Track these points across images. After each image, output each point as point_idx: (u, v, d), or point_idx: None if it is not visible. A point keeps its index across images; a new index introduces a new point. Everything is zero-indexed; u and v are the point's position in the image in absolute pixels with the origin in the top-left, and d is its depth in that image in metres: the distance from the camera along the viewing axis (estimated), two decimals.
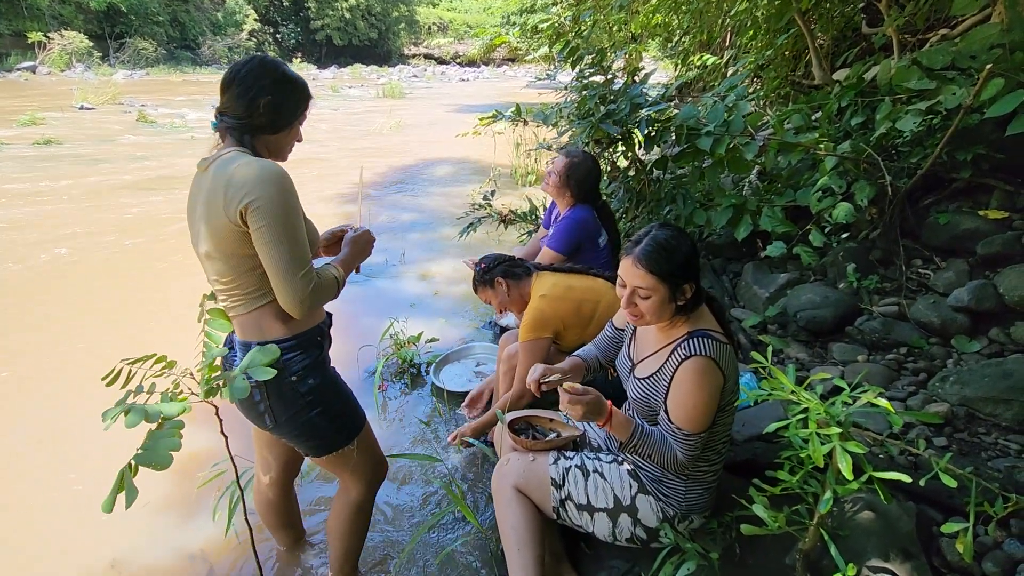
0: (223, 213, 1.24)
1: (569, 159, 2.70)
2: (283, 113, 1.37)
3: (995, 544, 1.54)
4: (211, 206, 1.27)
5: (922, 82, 2.63)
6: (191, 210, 1.37)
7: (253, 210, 1.22)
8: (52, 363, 3.07)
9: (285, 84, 1.36)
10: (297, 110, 1.41)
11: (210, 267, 1.35)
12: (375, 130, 11.66)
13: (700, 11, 6.05)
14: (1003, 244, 2.49)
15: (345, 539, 1.69)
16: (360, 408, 1.57)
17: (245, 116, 1.33)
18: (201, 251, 1.34)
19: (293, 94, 1.39)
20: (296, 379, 1.38)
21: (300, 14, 37.54)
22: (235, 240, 1.27)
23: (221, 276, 1.34)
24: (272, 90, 1.33)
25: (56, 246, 4.70)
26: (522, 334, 2.09)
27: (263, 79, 1.33)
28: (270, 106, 1.33)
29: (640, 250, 1.38)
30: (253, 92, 1.32)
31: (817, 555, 1.45)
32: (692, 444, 1.37)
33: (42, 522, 2.06)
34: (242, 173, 1.23)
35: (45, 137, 9.01)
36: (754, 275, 3.12)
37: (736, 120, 2.91)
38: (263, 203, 1.22)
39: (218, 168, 1.28)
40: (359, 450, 1.55)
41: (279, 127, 1.38)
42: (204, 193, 1.30)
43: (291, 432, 1.45)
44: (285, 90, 1.36)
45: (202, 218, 1.30)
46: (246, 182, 1.22)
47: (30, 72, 22.29)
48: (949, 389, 2.08)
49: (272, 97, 1.33)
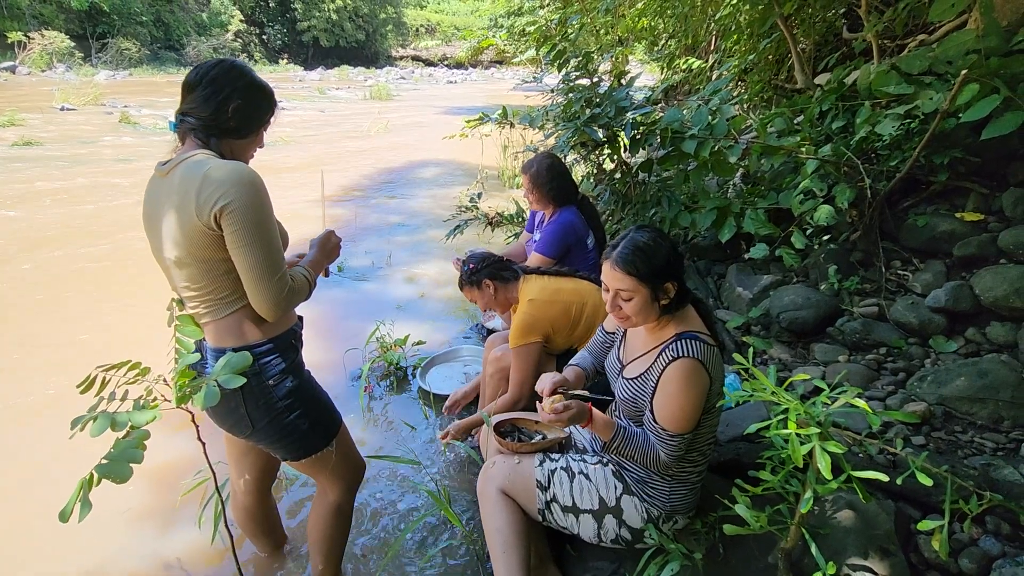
0: (195, 216, 1.22)
1: (530, 175, 2.73)
2: (251, 118, 1.37)
3: (971, 541, 1.57)
4: (181, 210, 1.24)
5: (900, 87, 2.68)
6: (151, 216, 1.34)
7: (228, 213, 1.20)
8: (24, 370, 3.01)
9: (255, 90, 1.36)
10: (264, 116, 1.41)
11: (179, 274, 1.32)
12: (362, 132, 11.61)
13: (685, 15, 6.11)
14: (979, 246, 2.54)
15: (326, 543, 1.67)
16: (336, 410, 1.57)
17: (212, 119, 1.31)
18: (168, 257, 1.31)
19: (262, 101, 1.38)
20: (273, 383, 1.37)
21: (286, 15, 37.30)
22: (208, 244, 1.25)
23: (193, 282, 1.31)
24: (243, 95, 1.33)
25: (33, 250, 4.62)
26: (513, 339, 2.09)
27: (235, 83, 1.32)
28: (239, 111, 1.32)
29: (618, 253, 1.40)
30: (223, 95, 1.31)
31: (799, 554, 1.47)
32: (676, 445, 1.39)
33: (18, 532, 2.01)
34: (216, 175, 1.21)
35: (25, 138, 8.87)
36: (738, 277, 3.15)
37: (720, 123, 2.94)
38: (238, 206, 1.20)
39: (187, 170, 1.25)
40: (337, 452, 1.54)
41: (246, 132, 1.37)
42: (172, 197, 1.26)
43: (269, 437, 1.43)
44: (255, 96, 1.36)
45: (171, 223, 1.27)
46: (221, 184, 1.20)
47: (9, 72, 21.91)
48: (927, 388, 2.12)
49: (242, 102, 1.32)
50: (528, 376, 2.07)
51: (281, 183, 7.10)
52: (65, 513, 0.97)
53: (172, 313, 1.29)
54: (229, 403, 1.36)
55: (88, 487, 0.99)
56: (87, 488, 0.99)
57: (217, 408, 1.34)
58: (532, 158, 2.79)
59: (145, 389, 1.15)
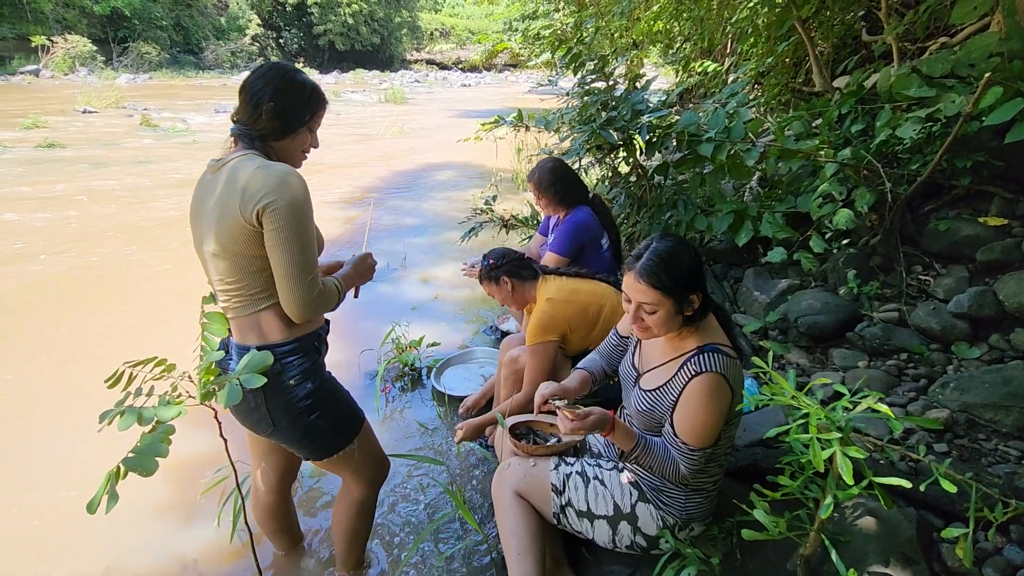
0: (238, 212, 1.26)
1: (534, 181, 2.74)
2: (286, 119, 1.37)
3: (995, 550, 1.54)
4: (226, 206, 1.28)
5: (922, 90, 2.65)
6: (196, 209, 1.38)
7: (270, 212, 1.24)
8: (51, 367, 3.07)
9: (288, 90, 1.36)
10: (303, 116, 1.40)
11: (215, 267, 1.36)
12: (377, 135, 11.70)
13: (701, 18, 6.09)
14: (1002, 251, 2.50)
15: (349, 536, 1.71)
16: (358, 408, 1.58)
17: (251, 122, 1.35)
18: (207, 250, 1.35)
19: (297, 100, 1.37)
20: (295, 383, 1.39)
21: (303, 19, 37.72)
22: (247, 240, 1.28)
23: (226, 276, 1.35)
24: (274, 96, 1.34)
25: (58, 250, 4.72)
26: (529, 337, 2.09)
27: (267, 85, 1.34)
28: (271, 112, 1.34)
29: (642, 265, 1.36)
30: (256, 98, 1.34)
31: (818, 560, 1.46)
32: (696, 459, 1.37)
33: (41, 527, 2.05)
34: (261, 175, 1.26)
35: (48, 140, 9.05)
36: (755, 281, 3.13)
37: (737, 126, 2.92)
38: (280, 205, 1.24)
39: (233, 169, 1.30)
40: (359, 450, 1.56)
41: (284, 133, 1.38)
42: (217, 193, 1.31)
43: (291, 436, 1.45)
44: (287, 96, 1.36)
45: (213, 217, 1.31)
46: (265, 184, 1.25)
47: (33, 75, 22.42)
48: (949, 395, 2.09)
49: (273, 103, 1.34)
50: (542, 375, 2.07)
51: None
52: (92, 505, 1.00)
53: (203, 310, 1.31)
54: (251, 401, 1.38)
55: (115, 480, 1.01)
56: (114, 480, 1.01)
57: (240, 406, 1.36)
58: (535, 165, 2.80)
59: (171, 385, 1.17)
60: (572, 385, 1.63)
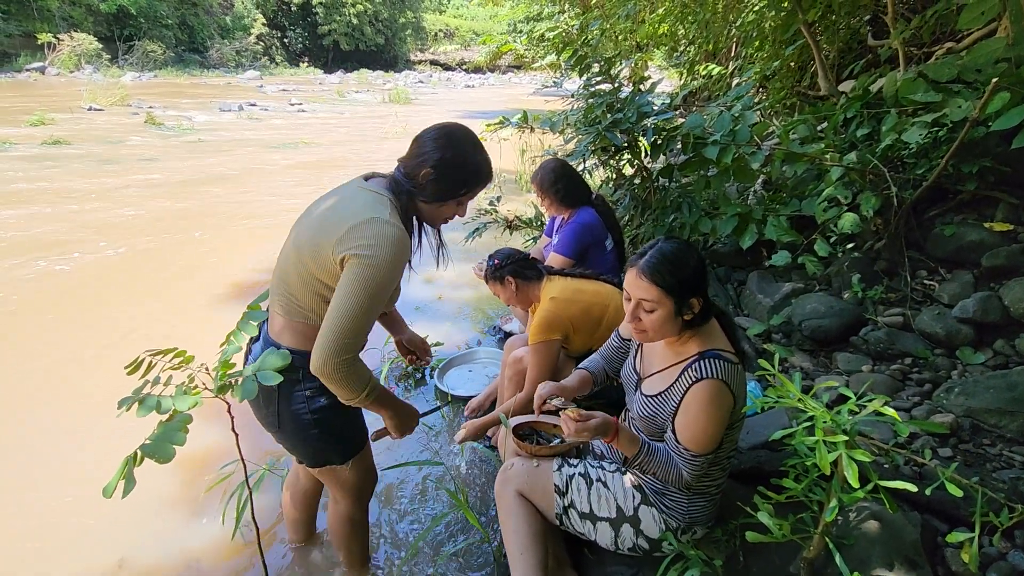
0: (331, 242, 1.25)
1: (537, 182, 2.77)
2: (440, 189, 1.38)
3: (1000, 555, 1.54)
4: (327, 227, 1.28)
5: (928, 95, 2.65)
6: (309, 208, 1.40)
7: (355, 261, 1.23)
8: (52, 366, 3.08)
9: (452, 163, 1.36)
10: (457, 192, 1.40)
11: (285, 267, 1.38)
12: (381, 134, 11.72)
13: (706, 22, 6.09)
14: (1008, 256, 2.50)
15: (344, 543, 1.74)
16: (363, 430, 1.59)
17: (407, 175, 1.38)
18: (288, 245, 1.38)
19: (457, 177, 1.38)
20: (310, 394, 1.40)
21: (308, 19, 37.83)
22: (323, 268, 1.28)
23: (289, 278, 1.36)
24: (436, 164, 1.35)
25: (67, 247, 4.74)
26: (532, 336, 2.10)
27: (436, 151, 1.35)
28: (428, 177, 1.36)
29: (645, 262, 1.35)
30: (421, 158, 1.36)
31: (821, 563, 1.45)
32: (699, 464, 1.36)
33: (41, 526, 2.05)
34: (370, 227, 1.24)
35: (54, 137, 9.08)
36: (759, 284, 3.13)
37: (742, 130, 2.92)
38: (368, 262, 1.22)
39: (356, 196, 1.32)
40: (352, 470, 1.57)
41: (433, 198, 1.39)
42: (328, 206, 1.33)
43: (290, 440, 1.48)
44: (448, 170, 1.36)
45: (312, 225, 1.33)
46: (366, 235, 1.23)
47: (39, 73, 22.48)
48: (954, 400, 2.08)
49: (433, 171, 1.35)
50: (544, 374, 2.07)
51: (300, 184, 7.21)
52: (109, 489, 1.01)
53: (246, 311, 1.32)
54: (268, 398, 1.40)
55: (133, 465, 1.02)
56: (132, 465, 1.02)
57: (258, 400, 1.40)
58: (539, 166, 2.81)
59: (187, 376, 1.18)
60: (571, 384, 1.63)
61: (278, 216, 5.84)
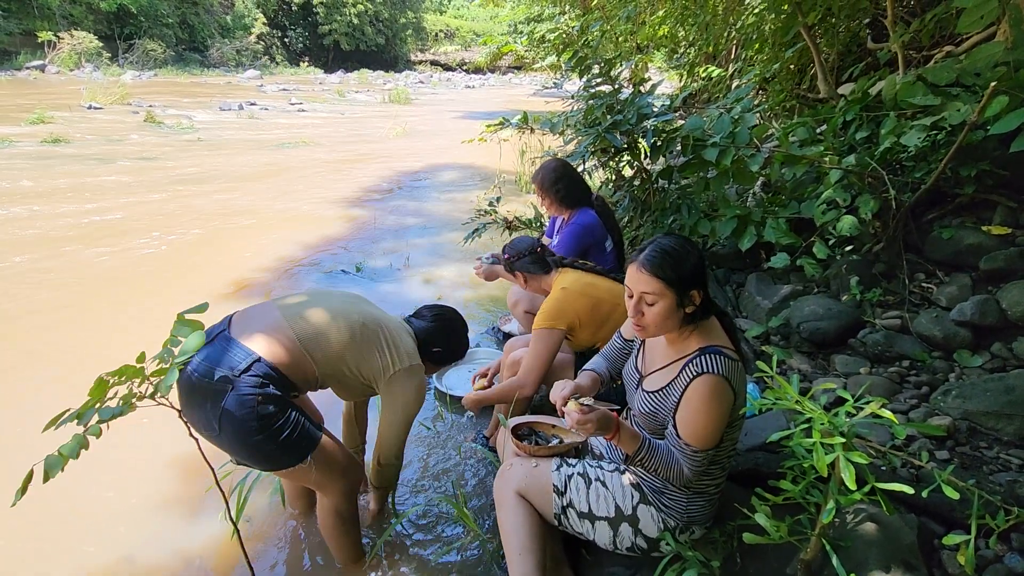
0: (386, 374, 1.69)
1: (537, 181, 2.78)
2: (439, 360, 1.95)
3: (996, 557, 1.54)
4: (384, 352, 1.69)
5: (927, 98, 2.65)
6: (376, 309, 1.80)
7: (402, 396, 1.73)
8: (52, 363, 3.08)
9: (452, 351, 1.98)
10: (445, 364, 2.03)
11: (332, 323, 1.63)
12: (381, 135, 11.72)
13: (706, 24, 6.10)
14: (1006, 260, 2.50)
15: (335, 537, 1.77)
16: (313, 433, 1.60)
17: (422, 343, 1.84)
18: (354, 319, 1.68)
19: (450, 358, 1.99)
20: (261, 399, 1.44)
21: (308, 19, 37.83)
22: (366, 368, 1.68)
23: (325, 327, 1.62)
24: (445, 345, 1.92)
25: (62, 246, 4.73)
26: (537, 321, 2.10)
27: (444, 340, 1.92)
28: (439, 352, 1.91)
29: (645, 256, 1.38)
30: (432, 337, 1.89)
31: (818, 565, 1.46)
32: (700, 460, 1.37)
33: (40, 525, 2.05)
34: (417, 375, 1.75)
35: (53, 135, 9.07)
36: (757, 286, 3.13)
37: (742, 132, 2.93)
38: (412, 400, 1.75)
39: (405, 338, 1.77)
40: (317, 467, 1.59)
41: (430, 361, 1.91)
42: (393, 328, 1.75)
43: (232, 446, 1.50)
44: (447, 354, 1.96)
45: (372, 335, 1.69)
46: (414, 380, 1.74)
47: (39, 71, 22.45)
48: (951, 403, 2.09)
49: (442, 350, 1.91)
50: (541, 363, 2.07)
51: (300, 183, 7.22)
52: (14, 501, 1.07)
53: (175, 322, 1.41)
54: (206, 401, 1.42)
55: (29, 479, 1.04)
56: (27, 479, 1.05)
57: (191, 400, 1.44)
58: (539, 167, 2.82)
59: (127, 387, 1.19)
60: (585, 384, 1.64)
61: (277, 215, 5.84)
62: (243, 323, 1.56)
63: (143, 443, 2.33)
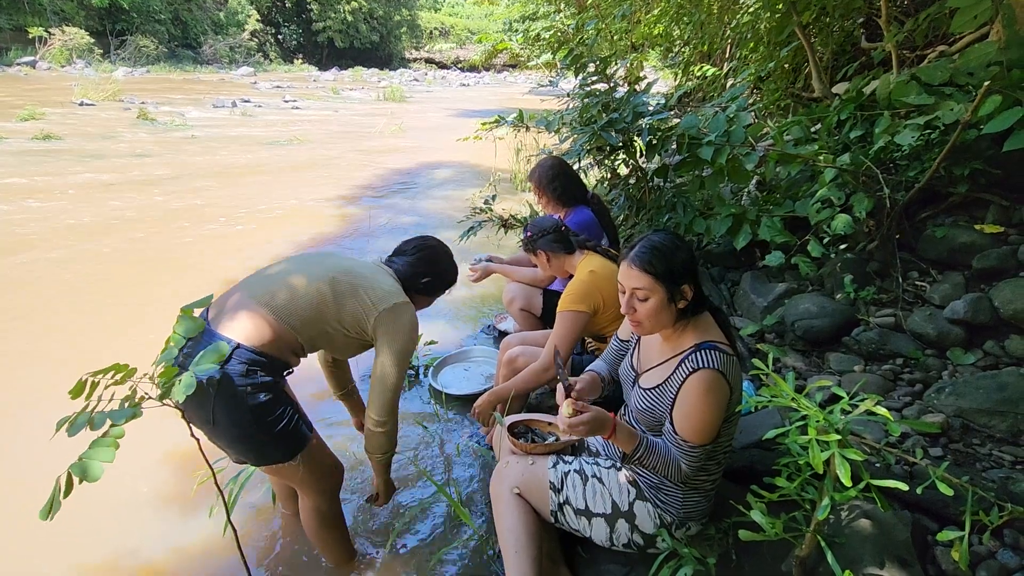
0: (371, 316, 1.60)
1: (534, 179, 2.79)
2: (430, 291, 1.88)
3: (989, 553, 1.55)
4: (365, 296, 1.61)
5: (920, 97, 2.67)
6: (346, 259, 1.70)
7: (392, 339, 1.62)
8: (46, 362, 3.06)
9: (442, 276, 1.90)
10: (440, 292, 1.94)
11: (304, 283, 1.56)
12: (376, 133, 11.68)
13: (701, 23, 6.11)
14: (999, 258, 2.52)
15: (320, 537, 1.77)
16: (304, 432, 1.59)
17: (407, 279, 1.79)
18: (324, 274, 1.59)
19: (442, 284, 1.91)
20: (251, 389, 1.43)
21: (302, 16, 37.60)
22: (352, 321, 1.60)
23: (296, 290, 1.54)
24: (433, 276, 1.84)
25: (52, 243, 4.69)
26: (562, 303, 2.11)
27: (432, 267, 1.84)
28: (427, 284, 1.83)
29: (635, 253, 1.39)
30: (420, 269, 1.82)
31: (813, 562, 1.47)
32: (696, 456, 1.38)
33: (34, 523, 2.03)
34: (406, 313, 1.66)
35: (44, 132, 8.98)
36: (752, 284, 3.14)
37: (737, 131, 2.93)
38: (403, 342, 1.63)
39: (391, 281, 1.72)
40: (304, 466, 1.58)
41: (423, 295, 1.86)
42: (367, 275, 1.66)
43: (226, 438, 1.49)
44: (439, 280, 1.89)
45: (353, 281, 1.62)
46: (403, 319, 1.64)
47: (30, 67, 22.23)
48: (944, 400, 2.10)
49: (431, 279, 1.84)
50: (565, 344, 2.10)
51: (294, 181, 7.18)
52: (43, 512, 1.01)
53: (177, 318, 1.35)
54: (199, 394, 1.39)
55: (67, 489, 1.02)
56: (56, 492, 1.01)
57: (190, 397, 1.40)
58: (536, 164, 2.83)
59: (130, 388, 1.17)
60: (586, 385, 1.64)
61: (271, 213, 5.81)
62: (217, 311, 1.53)
63: (135, 441, 2.31)
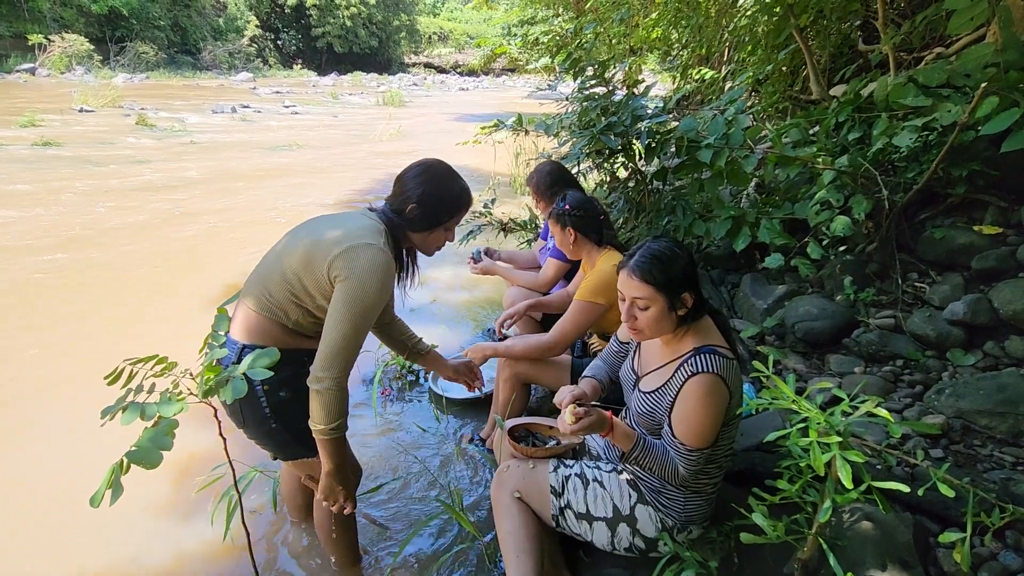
0: (327, 259, 1.36)
1: (532, 184, 2.80)
2: (426, 219, 1.53)
3: (991, 555, 1.55)
4: (326, 242, 1.38)
5: (918, 99, 2.67)
6: (319, 219, 1.51)
7: (347, 285, 1.34)
8: (49, 367, 3.05)
9: (434, 195, 1.51)
10: (441, 219, 1.55)
11: (274, 261, 1.46)
12: (375, 137, 11.70)
13: (699, 26, 6.12)
14: (997, 259, 2.52)
15: (332, 539, 1.76)
16: None
17: (396, 212, 1.52)
18: (287, 245, 1.46)
19: (440, 206, 1.53)
20: (269, 388, 1.44)
21: (301, 21, 37.73)
22: (311, 277, 1.38)
23: (269, 275, 1.45)
24: (420, 199, 1.50)
25: (55, 249, 4.69)
26: (580, 293, 2.12)
27: (418, 187, 1.50)
28: (415, 211, 1.50)
29: (634, 262, 1.39)
30: (406, 195, 1.51)
31: (815, 564, 1.46)
32: (695, 459, 1.38)
33: (38, 523, 2.04)
34: (366, 252, 1.36)
35: (44, 138, 9.00)
36: (752, 286, 3.14)
37: (736, 133, 2.94)
38: (358, 287, 1.33)
39: (361, 220, 1.45)
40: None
41: (421, 228, 1.54)
42: (335, 222, 1.45)
43: (256, 434, 1.52)
44: (432, 200, 1.51)
45: (314, 235, 1.42)
46: (361, 260, 1.34)
47: (29, 74, 22.25)
48: (945, 401, 2.10)
49: (419, 205, 1.50)
50: (576, 331, 2.11)
51: (294, 185, 7.18)
52: (96, 498, 1.00)
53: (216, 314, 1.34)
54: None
55: (120, 473, 1.02)
56: (119, 473, 1.01)
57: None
58: (534, 168, 2.83)
59: (172, 382, 1.18)
60: (587, 391, 1.64)
61: (270, 218, 5.82)
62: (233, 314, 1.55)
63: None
